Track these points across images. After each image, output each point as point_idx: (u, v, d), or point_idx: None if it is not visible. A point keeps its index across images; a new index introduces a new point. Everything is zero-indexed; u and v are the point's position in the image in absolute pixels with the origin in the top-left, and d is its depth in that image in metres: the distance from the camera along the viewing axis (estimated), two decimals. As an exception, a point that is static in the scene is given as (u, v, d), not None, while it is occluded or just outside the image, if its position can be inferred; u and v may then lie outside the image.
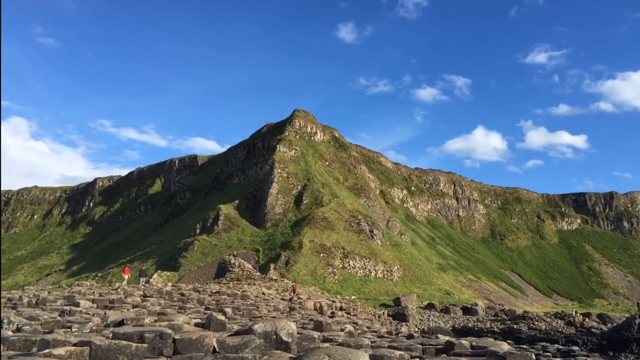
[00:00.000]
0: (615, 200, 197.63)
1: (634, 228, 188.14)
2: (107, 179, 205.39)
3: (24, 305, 16.26)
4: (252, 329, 8.48)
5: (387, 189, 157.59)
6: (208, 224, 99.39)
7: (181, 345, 7.64)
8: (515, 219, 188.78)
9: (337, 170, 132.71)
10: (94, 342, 7.24)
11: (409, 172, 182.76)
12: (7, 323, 10.35)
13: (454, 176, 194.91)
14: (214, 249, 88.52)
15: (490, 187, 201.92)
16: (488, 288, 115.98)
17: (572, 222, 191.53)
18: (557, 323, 59.28)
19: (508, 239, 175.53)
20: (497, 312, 69.88)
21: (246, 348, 7.72)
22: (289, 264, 76.81)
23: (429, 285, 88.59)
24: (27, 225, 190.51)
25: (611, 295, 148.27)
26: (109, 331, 9.00)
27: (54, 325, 10.97)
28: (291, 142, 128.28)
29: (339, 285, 75.38)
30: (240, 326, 10.38)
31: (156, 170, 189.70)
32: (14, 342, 8.20)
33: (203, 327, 10.13)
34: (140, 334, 7.61)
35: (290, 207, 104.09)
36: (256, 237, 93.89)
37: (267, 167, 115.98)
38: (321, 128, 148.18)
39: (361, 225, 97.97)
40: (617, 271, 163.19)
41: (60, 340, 7.77)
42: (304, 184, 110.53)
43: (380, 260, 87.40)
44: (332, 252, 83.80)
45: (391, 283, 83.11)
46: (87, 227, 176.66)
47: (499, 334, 48.15)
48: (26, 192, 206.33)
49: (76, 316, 13.03)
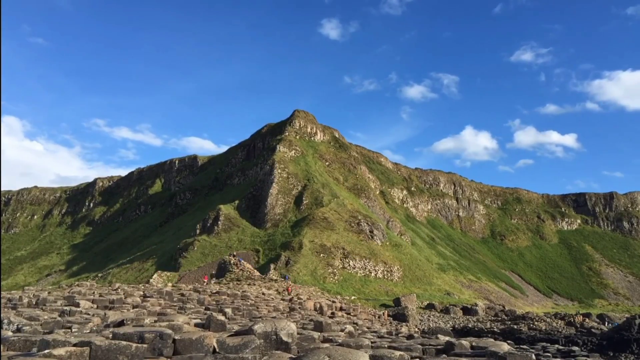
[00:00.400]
0: (615, 201, 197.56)
1: (634, 228, 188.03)
2: (107, 179, 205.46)
3: (24, 305, 16.26)
4: (252, 329, 8.47)
5: (387, 189, 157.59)
6: (208, 224, 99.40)
7: (181, 345, 7.64)
8: (515, 219, 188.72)
9: (337, 170, 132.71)
10: (94, 342, 7.24)
11: (409, 173, 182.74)
12: (7, 323, 10.35)
13: (454, 176, 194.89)
14: (214, 249, 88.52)
15: (490, 188, 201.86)
16: (488, 288, 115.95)
17: (572, 223, 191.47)
18: (557, 323, 59.29)
19: (508, 239, 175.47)
20: (497, 313, 69.88)
21: (246, 348, 7.72)
22: (289, 265, 76.79)
23: (429, 285, 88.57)
24: (27, 225, 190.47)
25: (611, 296, 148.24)
26: (109, 331, 9.00)
27: (54, 326, 10.97)
28: (291, 143, 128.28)
29: (339, 285, 75.36)
30: (240, 326, 10.38)
31: (156, 170, 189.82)
32: (14, 343, 8.20)
33: (203, 327, 10.13)
34: (140, 335, 7.61)
35: (290, 208, 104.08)
36: (256, 238, 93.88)
37: (267, 167, 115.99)
38: (321, 128, 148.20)
39: (361, 225, 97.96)
40: (617, 271, 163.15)
41: (60, 341, 7.77)
42: (304, 184, 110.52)
43: (381, 260, 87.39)
44: (332, 253, 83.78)
45: (391, 283, 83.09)
46: (87, 228, 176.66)
47: (499, 335, 48.17)
48: (26, 192, 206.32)
49: (76, 316, 13.03)
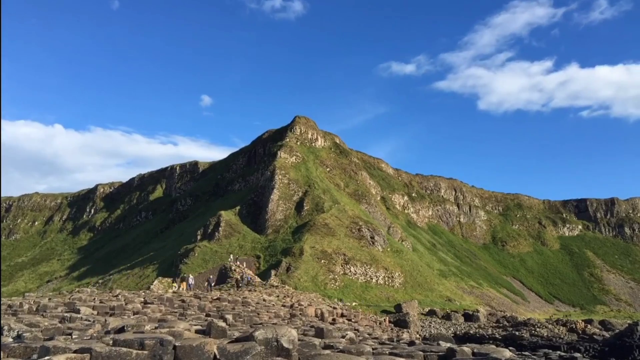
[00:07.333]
0: (616, 207, 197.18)
1: (635, 234, 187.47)
2: (108, 185, 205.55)
3: (24, 312, 16.24)
4: (252, 335, 8.46)
5: (388, 195, 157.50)
6: (209, 230, 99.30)
7: (182, 352, 7.62)
8: (517, 225, 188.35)
9: (338, 176, 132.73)
10: (94, 349, 7.23)
11: (410, 178, 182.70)
12: (8, 330, 10.33)
13: (455, 182, 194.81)
14: (214, 255, 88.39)
15: (491, 193, 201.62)
16: (489, 294, 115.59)
17: (574, 228, 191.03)
18: (559, 329, 59.05)
19: (509, 245, 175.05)
20: (498, 319, 69.65)
21: (247, 355, 7.70)
22: (290, 271, 76.64)
23: (430, 291, 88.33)
24: (28, 231, 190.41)
25: (613, 302, 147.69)
26: (109, 338, 8.98)
27: (54, 332, 10.95)
28: (292, 149, 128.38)
29: (340, 291, 75.18)
30: (241, 333, 10.36)
31: (157, 176, 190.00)
32: (15, 349, 8.19)
33: (204, 333, 10.11)
34: (141, 341, 7.59)
35: (291, 214, 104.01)
36: (257, 244, 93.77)
37: (268, 173, 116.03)
38: (322, 134, 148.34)
39: (362, 231, 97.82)
40: (619, 277, 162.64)
41: (61, 347, 7.76)
42: (304, 190, 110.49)
43: (381, 266, 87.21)
44: (333, 259, 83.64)
45: (392, 289, 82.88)
46: (88, 234, 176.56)
47: (500, 341, 48.02)
48: (27, 198, 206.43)
49: (77, 323, 13.01)
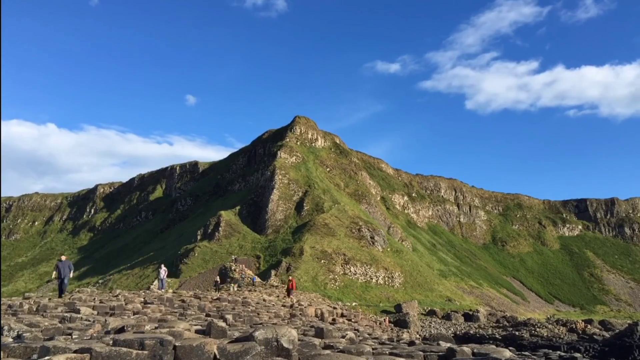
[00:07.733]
0: (616, 207, 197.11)
1: (635, 234, 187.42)
2: (108, 185, 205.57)
3: (24, 312, 16.24)
4: (252, 335, 8.45)
5: (388, 195, 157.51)
6: (209, 231, 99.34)
7: (182, 352, 7.62)
8: (517, 225, 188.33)
9: (338, 176, 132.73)
10: (94, 349, 7.22)
11: (410, 179, 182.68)
12: (8, 330, 10.33)
13: (455, 182, 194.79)
14: (214, 255, 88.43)
15: (491, 193, 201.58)
16: (489, 294, 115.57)
17: (574, 228, 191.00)
18: (559, 330, 59.04)
19: (509, 245, 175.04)
20: (498, 319, 69.66)
21: (247, 355, 7.69)
22: (290, 270, 76.66)
23: (430, 291, 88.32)
24: (28, 231, 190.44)
25: (613, 302, 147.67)
26: (109, 338, 8.98)
27: (54, 332, 10.94)
28: (292, 149, 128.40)
29: (340, 291, 75.20)
30: (241, 333, 10.35)
31: (157, 176, 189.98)
32: (14, 349, 8.18)
33: (204, 333, 10.10)
34: (141, 341, 7.59)
35: (291, 214, 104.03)
36: (257, 244, 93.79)
37: (268, 173, 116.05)
38: (322, 134, 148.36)
39: (362, 231, 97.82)
40: (619, 277, 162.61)
41: (61, 347, 7.75)
42: (304, 190, 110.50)
43: (381, 266, 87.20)
44: (333, 259, 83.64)
45: (392, 289, 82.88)
46: (88, 234, 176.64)
47: (500, 341, 48.02)
48: (27, 198, 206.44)
49: (77, 323, 13.01)
